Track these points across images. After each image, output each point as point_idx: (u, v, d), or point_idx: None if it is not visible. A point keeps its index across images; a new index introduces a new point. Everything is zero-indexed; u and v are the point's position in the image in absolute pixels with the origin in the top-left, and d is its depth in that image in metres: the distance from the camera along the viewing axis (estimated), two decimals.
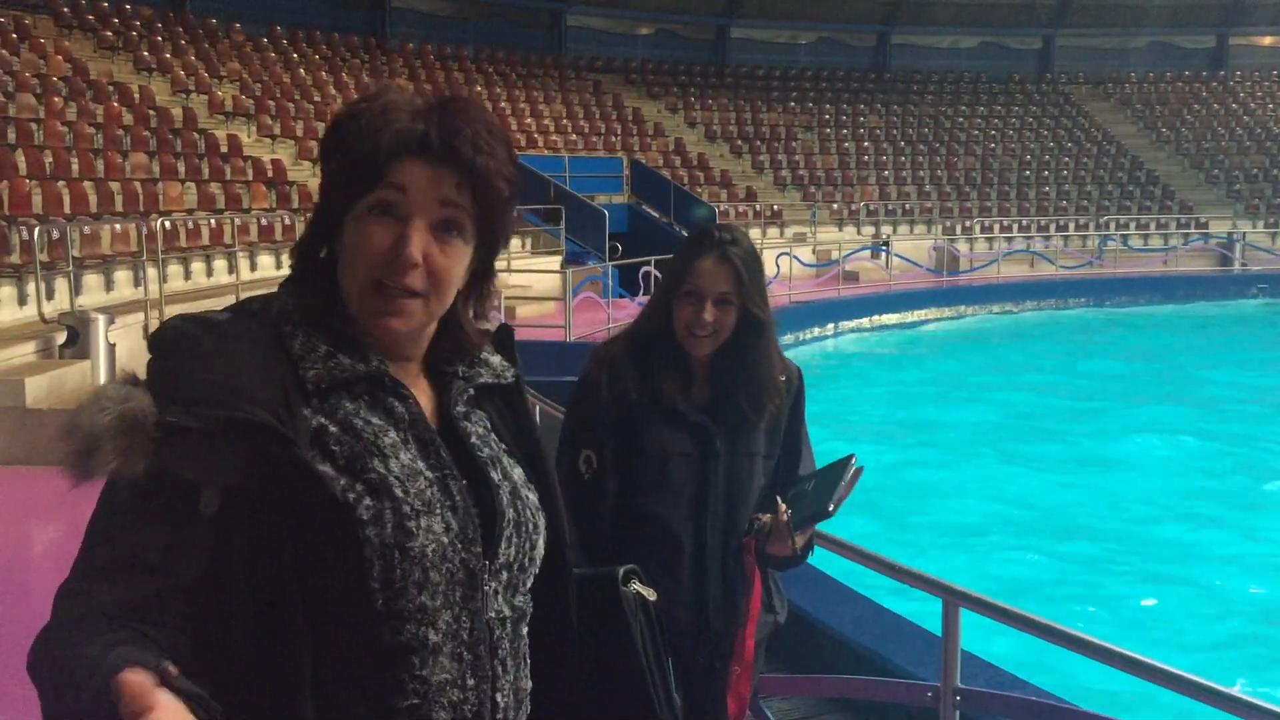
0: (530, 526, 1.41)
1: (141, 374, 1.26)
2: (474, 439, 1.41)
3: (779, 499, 2.46)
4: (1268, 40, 40.55)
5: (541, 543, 1.43)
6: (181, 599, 1.15)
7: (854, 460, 2.42)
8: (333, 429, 1.27)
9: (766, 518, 2.48)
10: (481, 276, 1.42)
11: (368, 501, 1.25)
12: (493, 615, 1.34)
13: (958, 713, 2.92)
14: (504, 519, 1.37)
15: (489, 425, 1.46)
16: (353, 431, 1.28)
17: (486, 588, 1.33)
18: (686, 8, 35.84)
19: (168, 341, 1.25)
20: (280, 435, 1.19)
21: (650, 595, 1.59)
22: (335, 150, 1.33)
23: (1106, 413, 14.37)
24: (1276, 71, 39.29)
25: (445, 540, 1.29)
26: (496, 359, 1.48)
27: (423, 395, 1.40)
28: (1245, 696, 2.34)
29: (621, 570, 1.58)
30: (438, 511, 1.29)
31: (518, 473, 1.43)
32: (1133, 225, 30.97)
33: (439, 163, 1.31)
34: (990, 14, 38.35)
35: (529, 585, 1.42)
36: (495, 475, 1.39)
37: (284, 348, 1.27)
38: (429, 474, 1.31)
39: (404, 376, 1.37)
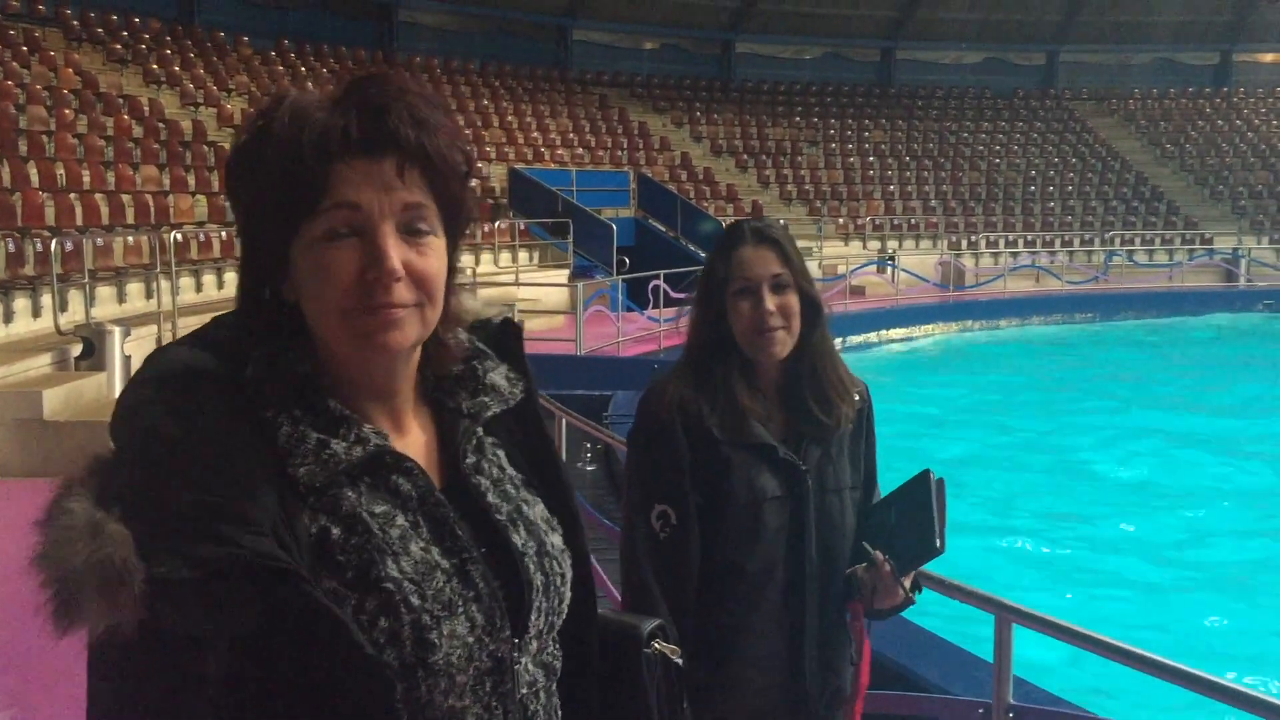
0: (558, 581, 1.26)
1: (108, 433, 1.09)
2: (490, 495, 1.24)
3: (868, 547, 2.22)
4: (1271, 57, 40.66)
5: (568, 588, 1.28)
6: None
7: (933, 475, 2.19)
8: (335, 531, 1.11)
9: (863, 569, 2.22)
10: (450, 275, 1.22)
11: (383, 622, 1.09)
12: (525, 691, 1.22)
13: None
14: (532, 589, 1.22)
15: (502, 460, 1.29)
16: (358, 529, 1.12)
17: (517, 666, 1.20)
18: (692, 22, 35.97)
19: (136, 445, 1.05)
20: (289, 572, 1.02)
21: (674, 655, 1.42)
22: (251, 177, 1.13)
23: (1114, 427, 14.35)
24: None
25: (470, 640, 1.14)
26: (500, 374, 1.29)
27: (421, 443, 1.24)
28: None
29: (647, 627, 1.42)
30: (460, 610, 1.14)
31: (538, 510, 1.28)
32: (1138, 241, 30.98)
33: (380, 154, 1.12)
34: (994, 30, 38.47)
35: (555, 634, 1.28)
36: (518, 538, 1.23)
37: (267, 438, 1.10)
38: (446, 564, 1.15)
39: (398, 424, 1.22)
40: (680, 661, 1.43)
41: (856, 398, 2.34)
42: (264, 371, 1.13)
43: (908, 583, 2.23)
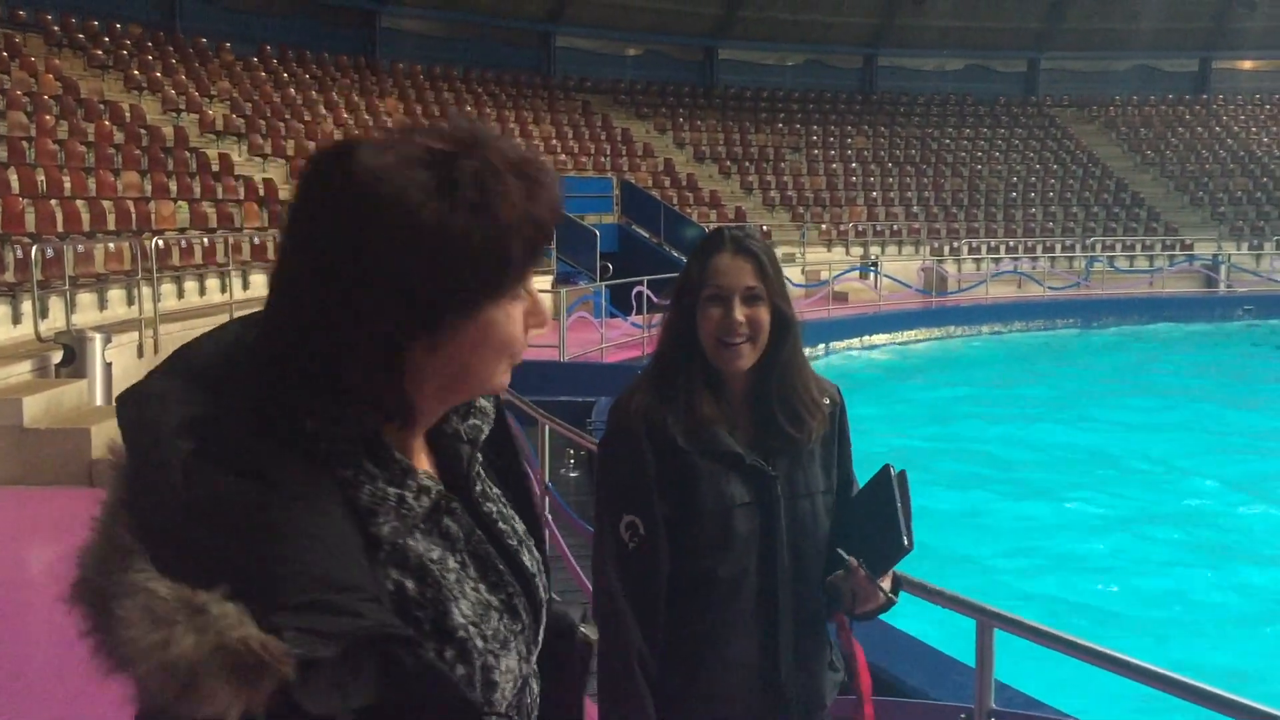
0: (544, 592, 1.29)
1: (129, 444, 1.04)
2: (500, 523, 1.26)
3: (842, 553, 2.18)
4: (1249, 64, 40.99)
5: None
6: None
7: (892, 470, 2.17)
8: (409, 585, 1.10)
9: (839, 576, 2.19)
10: None
11: (460, 670, 1.10)
12: (530, 701, 1.26)
13: None
14: (543, 609, 1.27)
15: (490, 479, 1.31)
16: (428, 579, 1.12)
17: (531, 682, 1.25)
18: (675, 29, 36.04)
19: (214, 513, 0.97)
20: (405, 639, 1.01)
21: (592, 637, 1.46)
22: (469, 248, 1.07)
23: (1098, 431, 14.42)
24: (1258, 95, 39.72)
25: (519, 671, 1.18)
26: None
27: (431, 472, 1.23)
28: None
29: (576, 615, 1.44)
30: (511, 644, 1.17)
31: (520, 525, 1.29)
32: (1119, 247, 31.18)
33: None
34: (976, 37, 38.66)
35: None
36: (529, 562, 1.26)
37: (348, 500, 1.06)
38: (495, 601, 1.17)
39: (413, 451, 1.20)
40: (594, 640, 1.46)
41: (827, 401, 2.30)
42: (336, 428, 1.07)
43: (886, 583, 2.21)
